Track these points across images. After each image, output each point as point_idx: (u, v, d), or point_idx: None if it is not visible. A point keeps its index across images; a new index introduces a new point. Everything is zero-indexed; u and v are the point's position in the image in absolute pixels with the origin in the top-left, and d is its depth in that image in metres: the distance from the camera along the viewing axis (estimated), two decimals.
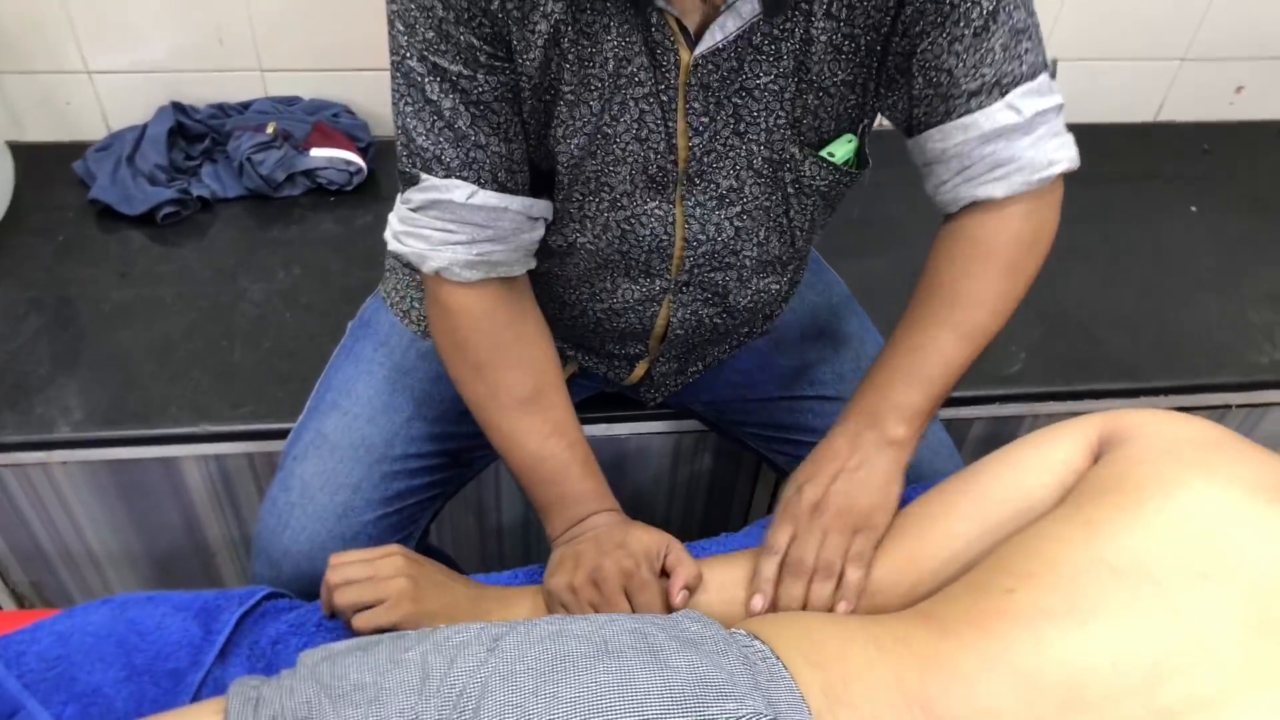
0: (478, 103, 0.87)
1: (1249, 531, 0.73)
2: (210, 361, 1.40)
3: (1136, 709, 0.67)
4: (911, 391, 0.96)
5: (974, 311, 0.96)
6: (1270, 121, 2.12)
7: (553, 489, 0.99)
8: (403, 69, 0.86)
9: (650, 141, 0.92)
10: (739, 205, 0.98)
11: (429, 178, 0.89)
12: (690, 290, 1.05)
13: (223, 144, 1.66)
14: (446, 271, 0.93)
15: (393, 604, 0.93)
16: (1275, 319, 1.65)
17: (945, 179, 0.96)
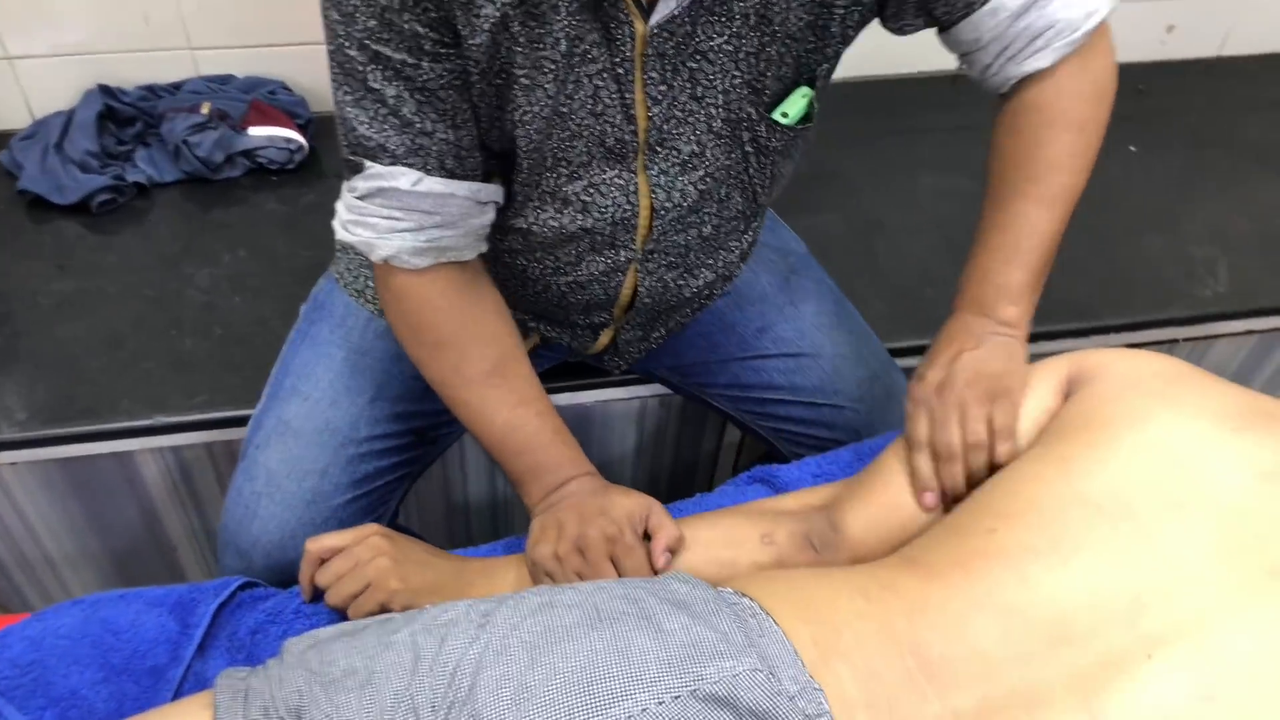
0: (423, 90, 0.84)
1: (1217, 459, 0.75)
2: (160, 352, 1.36)
3: (1121, 639, 0.68)
4: (1011, 270, 0.96)
5: (1054, 177, 0.95)
6: (1200, 59, 2.16)
7: (526, 458, 0.98)
8: (340, 58, 0.83)
9: (606, 115, 0.91)
10: (701, 169, 0.98)
11: (373, 165, 0.87)
12: (656, 257, 1.05)
13: (155, 127, 1.61)
14: (395, 259, 0.91)
15: (377, 586, 0.92)
16: (1216, 253, 1.68)
17: (988, 62, 0.95)
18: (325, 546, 0.95)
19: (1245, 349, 1.71)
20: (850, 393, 1.23)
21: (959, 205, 1.72)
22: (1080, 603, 0.70)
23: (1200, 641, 0.67)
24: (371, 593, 0.92)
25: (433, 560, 0.97)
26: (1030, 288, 0.97)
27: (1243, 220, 1.76)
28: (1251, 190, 1.83)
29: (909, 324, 1.50)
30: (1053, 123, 0.95)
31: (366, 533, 0.96)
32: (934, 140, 1.88)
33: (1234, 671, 0.65)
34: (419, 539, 1.01)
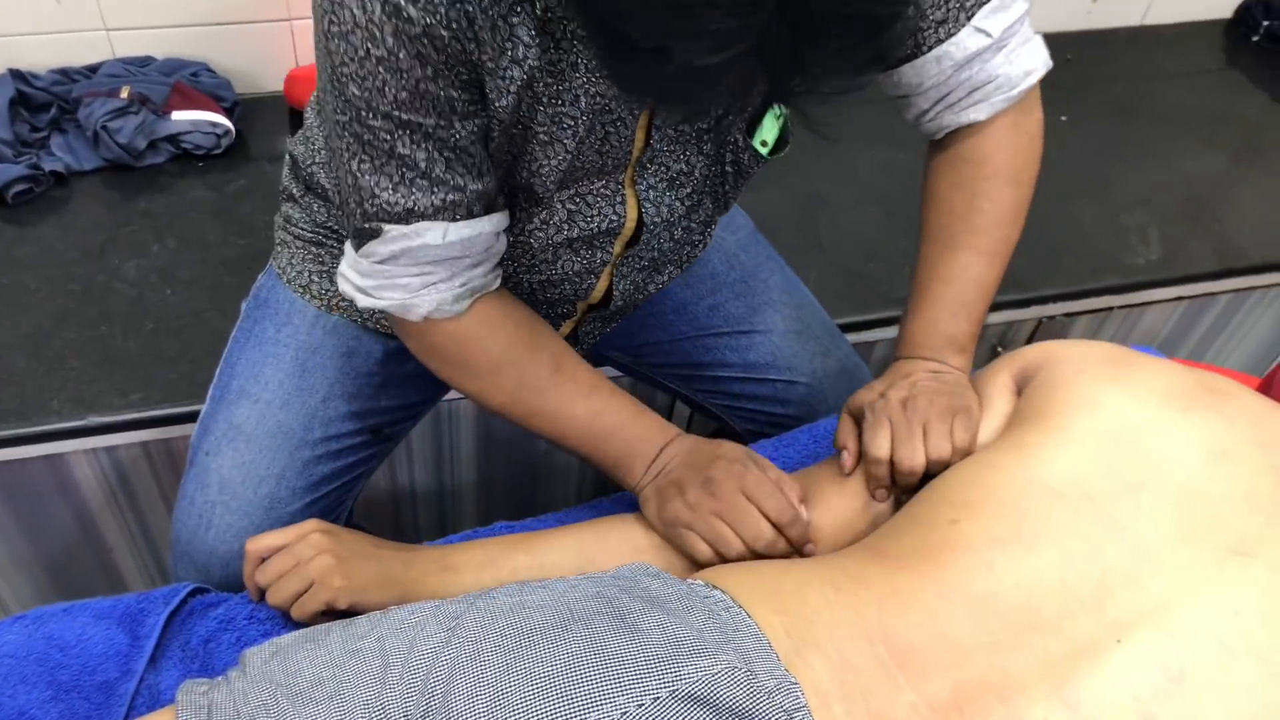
0: (454, 149, 0.82)
1: (1169, 440, 0.77)
2: (89, 349, 1.31)
3: (1089, 624, 0.70)
4: (959, 322, 0.99)
5: (994, 230, 0.98)
6: (1124, 28, 2.20)
7: (619, 438, 0.96)
8: (355, 129, 0.80)
9: (613, 153, 0.91)
10: (689, 186, 0.99)
11: (393, 228, 0.85)
12: (631, 261, 1.05)
13: (72, 112, 1.54)
14: (437, 312, 0.90)
15: (320, 584, 0.90)
16: (1147, 220, 1.72)
17: (925, 108, 0.98)
18: (265, 545, 0.93)
19: (1175, 315, 1.75)
20: (802, 368, 1.24)
21: (897, 178, 1.74)
22: (1047, 589, 0.71)
23: (1166, 623, 0.68)
24: (315, 591, 0.90)
25: (378, 553, 0.94)
26: (974, 338, 1.00)
27: (1170, 187, 1.80)
28: (1177, 157, 1.87)
29: (853, 299, 1.51)
30: (993, 176, 0.97)
31: (307, 529, 0.93)
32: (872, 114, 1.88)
33: (1201, 651, 0.67)
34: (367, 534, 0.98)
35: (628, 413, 0.97)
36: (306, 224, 1.12)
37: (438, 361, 0.96)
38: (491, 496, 1.61)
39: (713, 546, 0.88)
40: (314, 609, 0.90)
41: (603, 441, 0.97)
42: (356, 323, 1.12)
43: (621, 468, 0.97)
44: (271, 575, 0.91)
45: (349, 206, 0.86)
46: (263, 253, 1.20)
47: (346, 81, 0.77)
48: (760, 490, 0.89)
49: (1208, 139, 1.92)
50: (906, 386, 0.95)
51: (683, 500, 0.90)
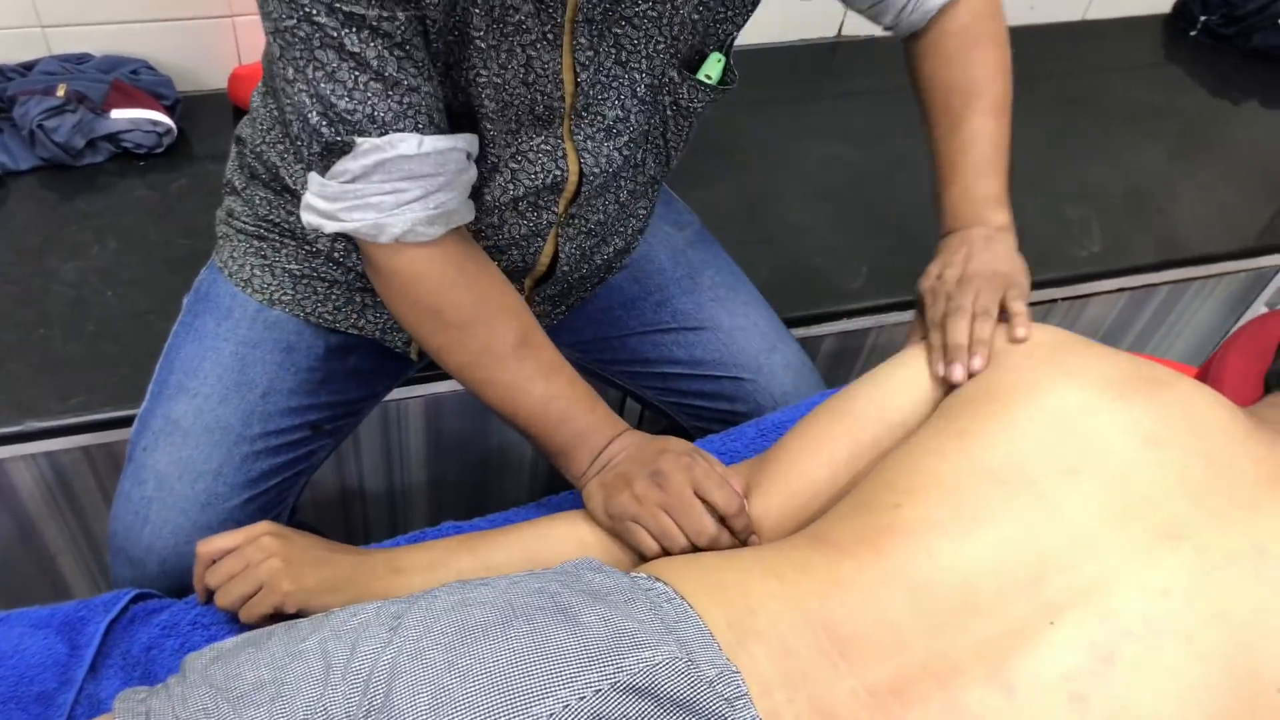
0: (401, 44, 0.81)
1: (1105, 425, 0.78)
2: (27, 352, 1.29)
3: (1025, 606, 0.71)
4: (989, 180, 1.04)
5: (991, 88, 1.05)
6: (1065, 23, 2.23)
7: (569, 426, 0.96)
8: (302, 33, 0.79)
9: (538, 84, 0.90)
10: (626, 135, 0.98)
11: (365, 140, 0.83)
12: (575, 223, 1.05)
13: (6, 111, 1.51)
14: (409, 234, 0.87)
15: (269, 588, 0.89)
16: (1089, 213, 1.75)
17: (902, 4, 1.05)
18: (216, 548, 0.91)
19: (1117, 306, 1.78)
20: (748, 364, 1.24)
21: (843, 173, 1.75)
22: (985, 572, 0.72)
23: (1097, 605, 0.69)
24: (264, 595, 0.89)
25: (330, 557, 0.93)
26: (1006, 191, 1.05)
27: (1111, 179, 1.83)
28: (1118, 150, 1.91)
29: (801, 294, 1.52)
30: (977, 41, 1.05)
31: (258, 532, 0.92)
32: (817, 109, 1.90)
33: (1130, 633, 0.68)
34: (319, 535, 0.98)
35: (583, 403, 0.97)
36: (249, 217, 1.11)
37: (406, 306, 0.94)
38: (442, 496, 1.60)
39: (658, 540, 0.89)
40: (262, 612, 0.89)
41: (553, 427, 0.96)
42: (299, 318, 1.11)
43: (566, 456, 0.97)
44: (221, 577, 0.90)
45: (309, 123, 0.84)
46: (206, 252, 1.19)
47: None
48: (708, 482, 0.89)
49: (1148, 132, 1.96)
50: (961, 263, 1.00)
51: (630, 493, 0.90)
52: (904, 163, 1.77)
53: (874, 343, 1.64)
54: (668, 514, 0.88)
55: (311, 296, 1.11)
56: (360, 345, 1.15)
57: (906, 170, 1.76)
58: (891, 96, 1.98)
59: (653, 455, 0.92)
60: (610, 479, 0.93)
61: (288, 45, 0.80)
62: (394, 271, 0.91)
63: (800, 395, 1.24)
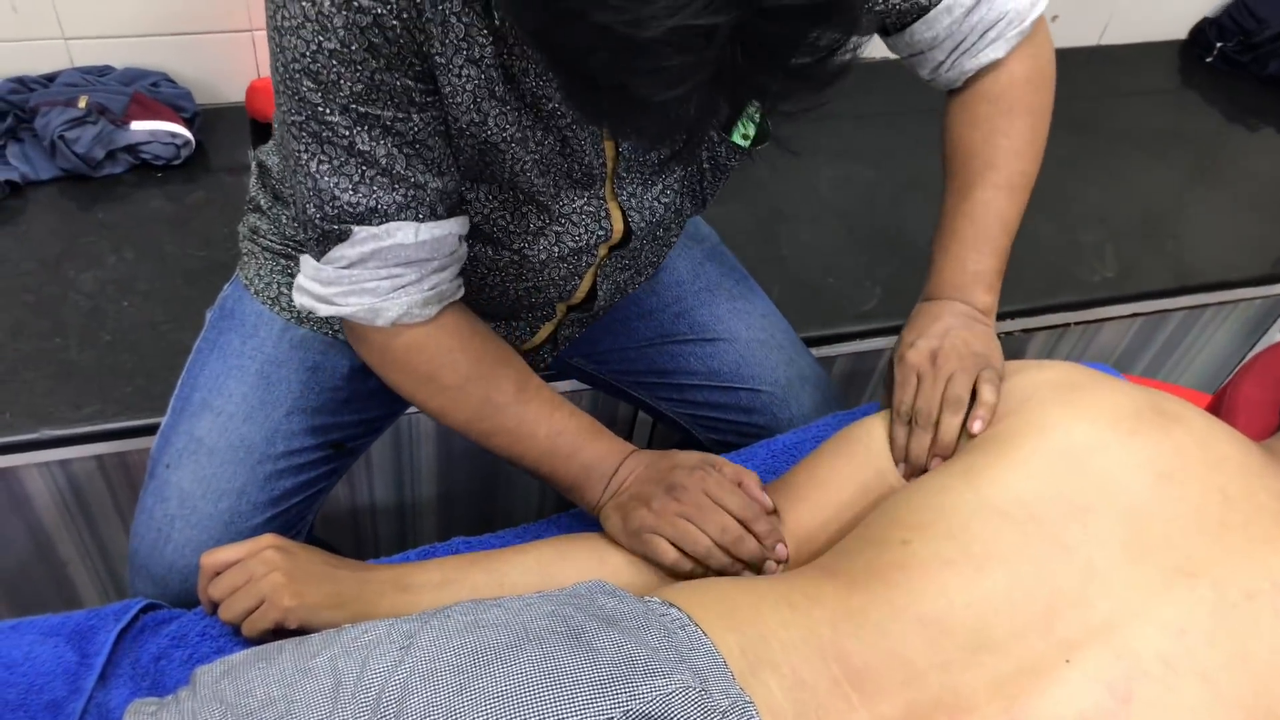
0: (413, 142, 0.82)
1: (1117, 462, 0.78)
2: (44, 361, 1.29)
3: (1039, 643, 0.70)
4: (984, 258, 1.01)
5: (1014, 164, 1.01)
6: (1081, 48, 2.23)
7: (578, 459, 0.96)
8: (313, 127, 0.79)
9: (575, 156, 0.91)
10: (660, 183, 0.99)
11: (363, 229, 0.84)
12: (614, 261, 1.05)
13: (28, 121, 1.52)
14: (405, 317, 0.89)
15: (270, 603, 0.89)
16: (1103, 237, 1.75)
17: (942, 59, 1.00)
18: (219, 560, 0.92)
19: (1131, 332, 1.78)
20: (765, 376, 1.24)
21: (857, 194, 1.75)
22: (997, 610, 0.72)
23: (1114, 644, 0.69)
24: (265, 610, 0.89)
25: (333, 573, 0.93)
26: (999, 273, 1.02)
27: (1126, 205, 1.83)
28: (1133, 175, 1.90)
29: (813, 314, 1.52)
30: (1009, 110, 1.00)
31: (261, 545, 0.92)
32: (832, 129, 1.90)
33: (1147, 671, 0.68)
34: (330, 549, 0.98)
35: (587, 432, 0.97)
36: (274, 236, 1.11)
37: (401, 374, 0.95)
38: (451, 511, 1.60)
39: (678, 546, 0.89)
40: (263, 627, 0.89)
41: (562, 462, 0.97)
42: (325, 336, 1.11)
43: (580, 488, 0.97)
44: (224, 590, 0.90)
45: (307, 213, 0.85)
46: (222, 264, 1.19)
47: (301, 77, 0.77)
48: (722, 490, 0.90)
49: (1163, 158, 1.96)
50: (937, 336, 0.97)
51: (648, 509, 0.91)
52: (917, 183, 1.77)
53: (886, 364, 1.63)
54: (687, 520, 0.89)
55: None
56: None
57: (920, 191, 1.76)
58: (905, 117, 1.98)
59: (665, 471, 0.93)
60: (625, 500, 0.93)
61: (295, 138, 0.81)
62: (387, 349, 0.93)
63: (817, 407, 1.24)
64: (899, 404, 0.94)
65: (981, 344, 0.96)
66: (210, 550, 0.92)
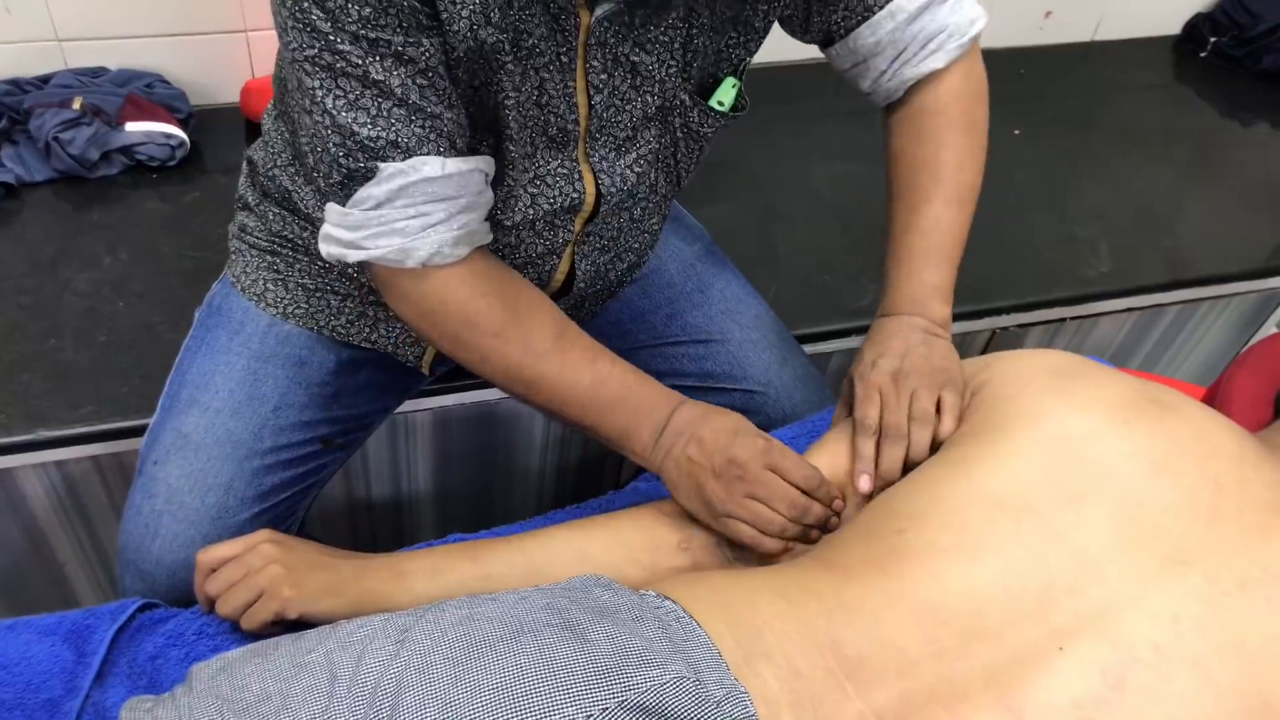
0: (426, 70, 0.82)
1: (1112, 451, 0.78)
2: (39, 362, 1.29)
3: (1032, 632, 0.70)
4: (938, 271, 1.02)
5: (960, 177, 1.03)
6: (1076, 44, 2.24)
7: (625, 406, 0.94)
8: (326, 60, 0.79)
9: (551, 106, 0.91)
10: (634, 152, 0.99)
11: (389, 165, 0.84)
12: (591, 240, 1.05)
13: (22, 123, 1.52)
14: (436, 256, 0.88)
15: (269, 595, 0.89)
16: (1099, 233, 1.75)
17: (884, 68, 1.02)
18: (216, 557, 0.92)
19: (1126, 327, 1.78)
20: (759, 377, 1.25)
21: (852, 192, 1.75)
22: (991, 598, 0.72)
23: (1107, 631, 0.69)
24: (264, 602, 0.89)
25: (330, 561, 0.93)
26: (953, 285, 1.03)
27: (1121, 200, 1.83)
28: (1127, 170, 1.91)
29: (809, 311, 1.53)
30: (951, 125, 1.02)
31: (257, 540, 0.92)
32: (826, 128, 1.90)
33: (1140, 659, 0.68)
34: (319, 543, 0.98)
35: (632, 379, 0.96)
36: (262, 233, 1.11)
37: (436, 322, 0.93)
38: (448, 508, 1.60)
39: (754, 526, 0.89)
40: (263, 619, 0.89)
41: (609, 409, 0.95)
42: (311, 332, 1.11)
43: (629, 436, 0.95)
44: (221, 586, 0.91)
45: (330, 153, 0.84)
46: (217, 265, 1.20)
47: (310, 6, 0.77)
48: (786, 462, 0.90)
49: (1158, 153, 1.96)
50: (898, 356, 0.97)
51: (720, 484, 0.90)
52: None
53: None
54: (756, 499, 0.89)
55: (325, 310, 1.11)
56: (372, 359, 1.16)
57: None
58: None
59: (725, 440, 0.91)
60: (686, 466, 0.92)
61: (308, 74, 0.81)
62: (422, 295, 0.91)
63: (811, 407, 1.24)
64: (864, 419, 0.94)
65: (941, 358, 0.97)
66: (206, 547, 0.93)
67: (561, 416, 0.97)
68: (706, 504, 0.91)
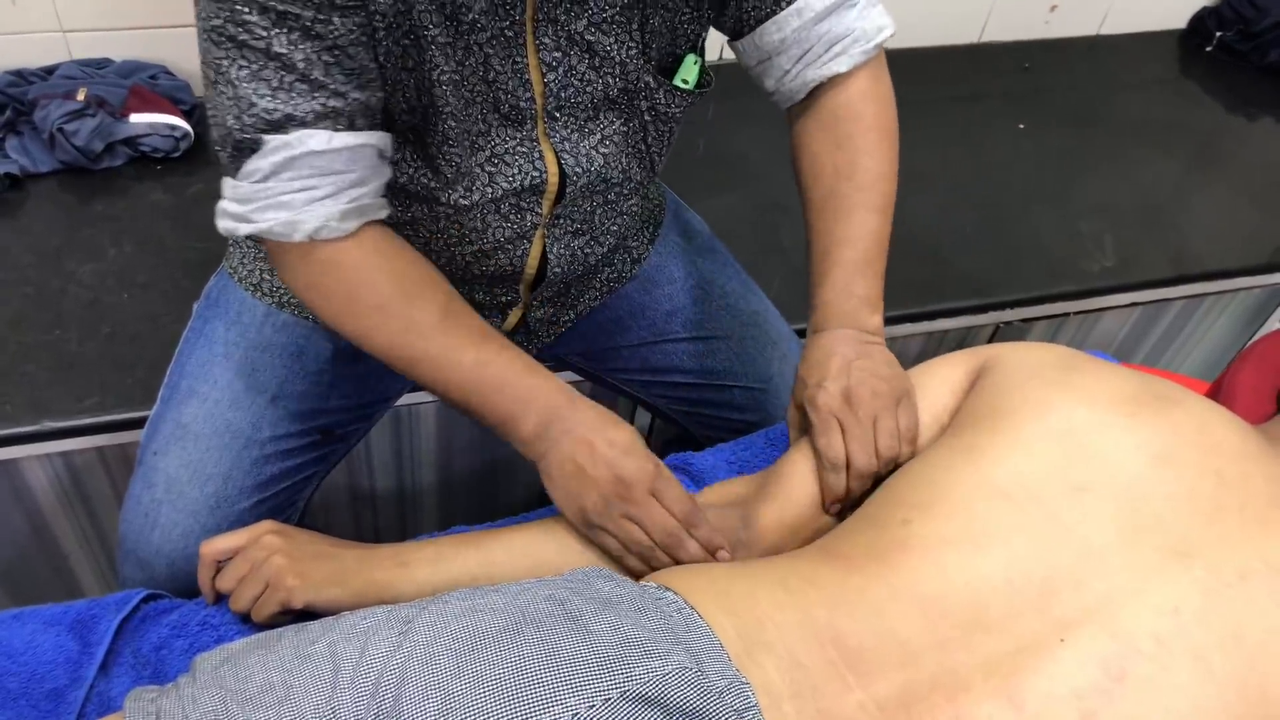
0: (333, 48, 0.81)
1: (1115, 444, 0.78)
2: (44, 353, 1.30)
3: (1035, 622, 0.70)
4: (867, 281, 1.00)
5: (880, 185, 1.01)
6: (1082, 37, 2.23)
7: (508, 393, 0.92)
8: (230, 30, 0.79)
9: (500, 83, 0.90)
10: (598, 133, 0.99)
11: (275, 137, 0.82)
12: (561, 223, 1.04)
13: (27, 114, 1.52)
14: (324, 230, 0.86)
15: (274, 585, 0.90)
16: (1103, 227, 1.74)
17: (788, 68, 1.01)
18: (219, 549, 0.92)
19: (1130, 321, 1.78)
20: (759, 374, 1.24)
21: None
22: (995, 589, 0.72)
23: (1108, 623, 0.69)
24: (270, 593, 0.89)
25: (333, 551, 0.93)
26: (881, 295, 1.01)
27: (1125, 194, 1.83)
28: (1132, 165, 1.90)
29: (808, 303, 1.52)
30: (868, 130, 1.01)
31: (260, 531, 0.92)
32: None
33: (1141, 651, 0.68)
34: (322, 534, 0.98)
35: (520, 365, 0.93)
36: None
37: (321, 296, 0.92)
38: (452, 500, 1.60)
39: (624, 545, 0.89)
40: (270, 611, 0.89)
41: (490, 393, 0.92)
42: (307, 320, 1.11)
43: (511, 424, 0.92)
44: (230, 582, 0.91)
45: (227, 125, 0.83)
46: (220, 257, 1.20)
47: None
48: (671, 492, 0.89)
49: (1162, 147, 1.96)
50: (843, 374, 0.95)
51: (598, 496, 0.88)
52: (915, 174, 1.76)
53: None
54: (632, 521, 0.88)
55: None
56: None
57: (917, 181, 1.75)
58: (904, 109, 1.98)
59: (615, 456, 0.89)
60: (570, 469, 0.90)
61: (215, 44, 0.80)
62: (308, 267, 0.90)
63: None
64: (828, 451, 0.92)
65: (886, 367, 0.96)
66: (209, 540, 0.93)
67: (446, 398, 0.94)
68: (581, 511, 0.90)
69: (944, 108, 1.96)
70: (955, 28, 2.10)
